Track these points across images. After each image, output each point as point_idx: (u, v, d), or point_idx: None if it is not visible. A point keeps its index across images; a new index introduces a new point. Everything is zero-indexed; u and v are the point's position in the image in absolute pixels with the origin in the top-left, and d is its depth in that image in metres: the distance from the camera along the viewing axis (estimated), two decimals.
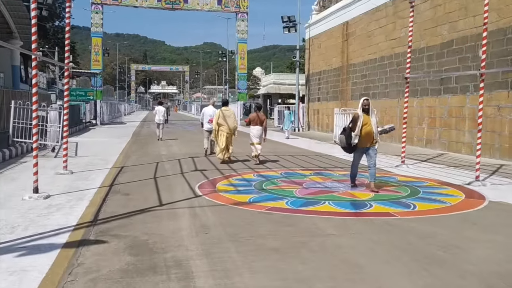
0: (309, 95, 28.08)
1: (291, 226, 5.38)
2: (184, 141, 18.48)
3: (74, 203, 6.52)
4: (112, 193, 7.37)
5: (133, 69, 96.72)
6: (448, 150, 14.71)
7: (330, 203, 6.63)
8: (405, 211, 6.23)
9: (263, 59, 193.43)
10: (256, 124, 11.48)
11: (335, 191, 7.58)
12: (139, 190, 7.61)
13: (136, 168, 10.46)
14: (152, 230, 5.13)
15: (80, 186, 7.89)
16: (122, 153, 13.42)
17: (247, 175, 9.43)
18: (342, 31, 23.06)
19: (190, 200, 6.86)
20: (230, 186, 8.03)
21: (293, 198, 6.96)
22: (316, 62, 26.87)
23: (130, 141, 18.31)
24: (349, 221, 5.69)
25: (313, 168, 10.63)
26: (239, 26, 39.50)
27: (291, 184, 8.25)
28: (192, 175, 9.33)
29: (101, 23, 34.77)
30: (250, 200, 6.81)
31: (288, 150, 15.10)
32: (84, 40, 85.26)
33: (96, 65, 34.70)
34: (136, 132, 24.07)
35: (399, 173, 10.03)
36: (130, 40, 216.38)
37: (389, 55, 18.42)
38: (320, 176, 9.36)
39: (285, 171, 10.06)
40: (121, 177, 9.00)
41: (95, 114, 31.21)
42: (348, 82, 22.34)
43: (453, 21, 14.74)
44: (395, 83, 18.03)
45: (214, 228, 5.27)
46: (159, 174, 9.43)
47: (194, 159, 12.05)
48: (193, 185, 8.10)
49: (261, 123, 11.48)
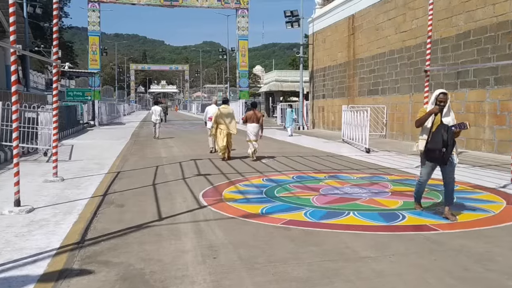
0: (313, 92, 27.18)
1: (316, 246, 4.50)
2: (185, 142, 17.61)
3: (60, 218, 5.64)
4: (105, 204, 6.49)
5: (132, 69, 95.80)
6: (467, 148, 13.82)
7: (355, 213, 5.75)
8: (445, 223, 5.35)
9: (262, 57, 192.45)
10: (253, 121, 11.65)
11: (358, 199, 6.70)
12: (136, 200, 6.73)
13: (133, 173, 9.58)
14: (150, 254, 4.25)
15: (70, 196, 7.01)
16: (119, 156, 12.54)
17: (256, 179, 8.54)
18: (348, 24, 22.14)
19: (193, 212, 5.98)
20: (238, 194, 7.15)
21: (312, 208, 6.08)
22: (320, 57, 25.96)
23: (129, 142, 17.43)
24: (383, 237, 4.81)
25: (327, 171, 9.75)
26: (239, 22, 38.59)
27: (306, 190, 7.37)
28: (195, 181, 8.45)
29: (98, 22, 33.89)
30: (262, 211, 5.93)
31: (296, 150, 14.21)
32: (83, 40, 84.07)
33: (93, 65, 33.84)
34: (135, 133, 23.19)
35: None
36: (129, 40, 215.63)
37: (399, 49, 17.51)
38: (336, 180, 8.47)
39: (296, 174, 9.17)
40: (116, 185, 8.12)
41: (93, 114, 30.34)
42: (355, 77, 21.44)
43: (470, 10, 13.82)
44: (406, 77, 17.13)
45: (223, 250, 4.40)
46: (159, 180, 8.55)
47: (196, 162, 11.17)
48: (196, 193, 7.23)
49: (258, 121, 11.68)
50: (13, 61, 5.84)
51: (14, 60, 5.82)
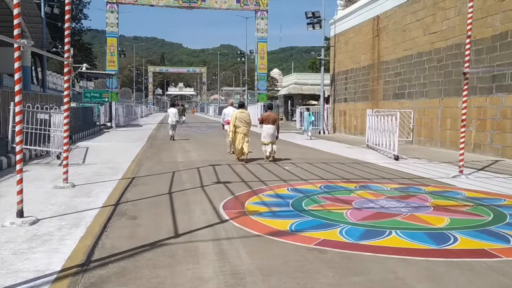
0: (334, 96, 26.38)
1: (359, 275, 3.79)
2: (202, 145, 17.02)
3: (66, 232, 5.05)
4: (117, 215, 5.88)
5: (150, 71, 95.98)
6: (503, 156, 12.90)
7: (398, 233, 5.03)
8: (506, 247, 4.59)
9: (280, 60, 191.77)
10: (269, 123, 11.79)
11: (397, 214, 5.96)
12: (150, 212, 6.11)
13: (148, 179, 8.99)
14: (163, 283, 3.61)
15: (79, 206, 6.44)
16: (135, 161, 12.00)
17: (280, 189, 7.86)
18: (372, 26, 21.33)
19: (214, 227, 5.32)
20: (262, 206, 6.48)
21: (347, 225, 5.37)
22: (342, 60, 25.17)
23: (145, 145, 16.92)
24: (437, 265, 4.08)
25: (356, 180, 9.01)
26: (258, 24, 38.02)
27: (338, 203, 6.66)
28: (214, 189, 7.81)
29: (117, 23, 33.67)
30: (291, 228, 5.25)
31: (319, 156, 13.49)
32: (103, 43, 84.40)
33: (111, 66, 33.60)
34: (152, 136, 22.72)
35: (462, 187, 8.32)
36: (148, 42, 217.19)
37: (428, 51, 16.65)
38: (368, 191, 7.74)
39: (324, 183, 8.46)
40: (130, 192, 7.52)
41: (110, 116, 30.04)
42: (379, 81, 20.61)
43: (508, 10, 12.93)
44: (435, 81, 16.25)
45: (250, 278, 3.72)
46: (175, 188, 7.93)
47: (215, 168, 10.54)
48: (216, 204, 6.58)
49: (273, 122, 11.80)
50: (17, 58, 5.28)
51: (18, 57, 5.26)
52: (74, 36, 57.69)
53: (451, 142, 15.34)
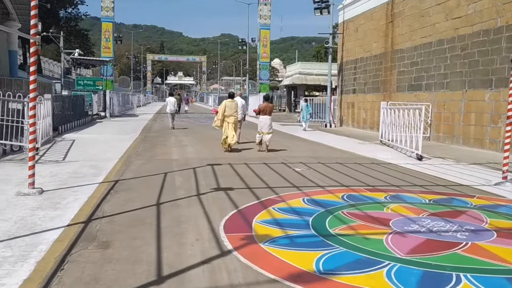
0: (342, 87, 24.84)
1: None
2: (200, 139, 15.54)
3: (3, 273, 3.59)
4: (84, 241, 4.43)
5: (149, 59, 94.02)
6: None
7: (468, 278, 3.58)
8: None
9: (280, 51, 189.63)
10: (266, 113, 12.11)
11: (455, 244, 4.50)
12: (129, 235, 4.66)
13: (135, 183, 7.53)
14: None
15: (38, 224, 4.99)
16: (123, 157, 10.53)
17: (294, 200, 6.39)
18: (385, 11, 19.74)
19: (212, 264, 3.87)
20: (275, 226, 5.02)
21: (395, 263, 3.91)
22: (351, 48, 23.59)
23: (138, 138, 15.45)
24: None
25: (382, 187, 7.55)
26: (261, 10, 36.36)
27: (371, 223, 5.20)
28: (213, 199, 6.36)
29: (112, 7, 32.02)
30: (319, 268, 3.79)
31: (331, 154, 12.03)
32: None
33: (106, 53, 32.01)
34: (147, 127, 21.22)
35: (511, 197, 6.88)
36: (148, 31, 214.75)
37: (451, 38, 15.10)
38: (403, 204, 6.27)
39: (345, 191, 7.00)
40: (108, 202, 6.06)
41: (104, 105, 28.51)
42: (392, 71, 19.07)
43: None
44: (458, 71, 14.73)
45: None
46: (166, 197, 6.47)
47: (214, 169, 9.07)
48: (215, 222, 5.14)
49: (270, 113, 12.21)
50: None
51: None
52: (71, 22, 55.95)
53: (476, 139, 13.88)
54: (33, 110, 6.48)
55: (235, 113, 12.15)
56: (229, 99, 12.59)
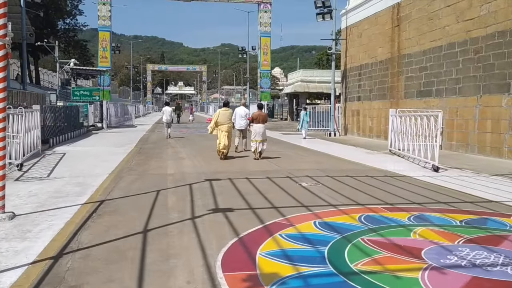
0: (346, 94, 24.00)
1: None
2: (198, 150, 14.68)
3: None
4: (46, 286, 3.55)
5: (149, 69, 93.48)
6: None
7: None
8: None
9: (281, 59, 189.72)
10: (259, 122, 12.18)
11: (507, 283, 3.62)
12: (105, 276, 3.78)
13: (122, 204, 6.65)
14: None
15: None
16: (114, 173, 9.66)
17: (304, 223, 5.51)
18: (391, 15, 18.96)
19: None
20: (284, 261, 4.13)
21: None
22: (355, 54, 22.79)
23: (133, 150, 14.59)
24: None
25: (404, 205, 6.65)
26: (261, 18, 35.77)
27: (399, 255, 4.31)
28: (209, 224, 5.48)
29: (109, 16, 31.41)
30: None
31: (339, 166, 11.14)
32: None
33: (103, 62, 31.35)
34: (144, 138, 20.38)
35: None
36: (148, 42, 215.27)
37: (463, 41, 14.28)
38: (431, 227, 5.38)
39: (362, 211, 6.11)
40: (87, 230, 5.19)
41: (101, 116, 27.69)
42: (399, 77, 18.24)
43: None
44: (471, 76, 13.89)
45: None
46: (155, 221, 5.59)
47: (212, 185, 8.20)
48: (212, 257, 4.25)
49: (263, 121, 12.30)
50: None
51: None
52: (69, 33, 55.43)
53: (492, 148, 12.99)
54: (3, 123, 5.62)
55: (229, 122, 12.40)
56: (223, 107, 12.79)
